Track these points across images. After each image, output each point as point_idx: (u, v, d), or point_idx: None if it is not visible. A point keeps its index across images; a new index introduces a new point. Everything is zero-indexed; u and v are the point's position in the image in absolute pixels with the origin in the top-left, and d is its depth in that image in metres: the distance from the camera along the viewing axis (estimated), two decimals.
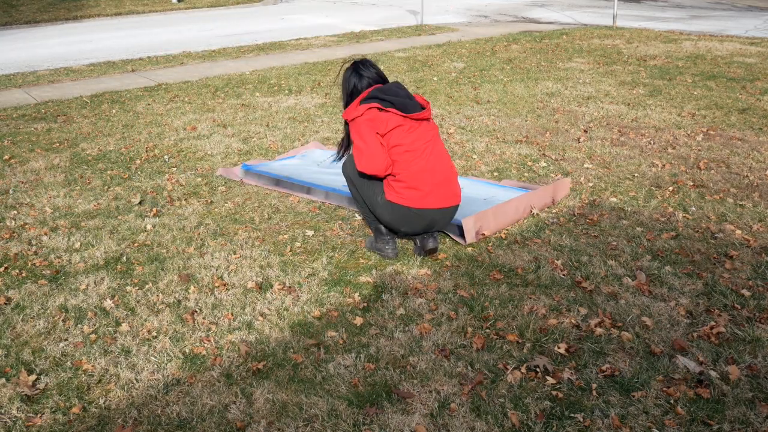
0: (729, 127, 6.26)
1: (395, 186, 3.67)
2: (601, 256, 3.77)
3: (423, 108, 3.71)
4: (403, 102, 3.64)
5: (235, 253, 3.91)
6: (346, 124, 3.79)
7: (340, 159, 4.10)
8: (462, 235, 3.99)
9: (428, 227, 3.77)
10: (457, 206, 3.84)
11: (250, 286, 3.51)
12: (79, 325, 3.19)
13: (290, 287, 3.51)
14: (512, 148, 5.72)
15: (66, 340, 3.08)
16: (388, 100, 3.63)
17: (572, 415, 2.55)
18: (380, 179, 3.73)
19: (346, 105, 3.87)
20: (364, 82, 3.82)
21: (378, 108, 3.62)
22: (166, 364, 2.90)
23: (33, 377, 2.79)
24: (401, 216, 3.69)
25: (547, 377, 2.75)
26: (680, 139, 5.93)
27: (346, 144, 3.97)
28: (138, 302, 3.39)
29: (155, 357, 2.95)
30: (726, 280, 3.51)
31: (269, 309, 3.30)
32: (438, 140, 3.78)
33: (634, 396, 2.65)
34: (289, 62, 9.97)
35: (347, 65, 3.93)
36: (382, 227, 3.81)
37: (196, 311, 3.30)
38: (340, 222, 4.32)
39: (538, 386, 2.71)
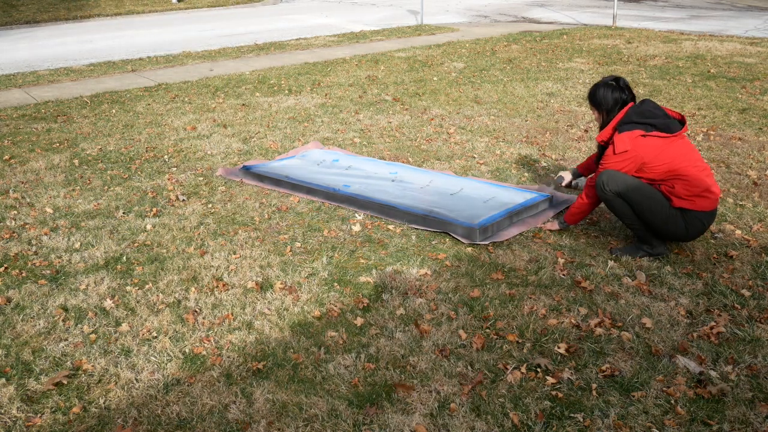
0: (729, 127, 6.25)
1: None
2: (601, 256, 3.77)
3: (682, 124, 3.67)
4: (664, 123, 3.62)
5: (235, 253, 3.91)
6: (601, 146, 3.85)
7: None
8: (463, 235, 3.99)
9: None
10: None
11: (250, 286, 3.51)
12: (79, 325, 3.19)
13: (290, 287, 3.51)
14: (512, 148, 5.72)
15: (66, 340, 3.08)
16: (649, 123, 3.61)
17: (572, 415, 2.55)
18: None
19: (604, 124, 3.82)
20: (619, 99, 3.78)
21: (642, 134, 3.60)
22: (166, 364, 2.90)
23: (33, 377, 2.80)
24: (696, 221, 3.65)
25: (547, 377, 2.75)
26: None
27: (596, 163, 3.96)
28: (138, 302, 3.39)
29: (155, 357, 2.95)
30: (726, 280, 3.51)
31: (269, 309, 3.31)
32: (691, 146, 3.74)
33: (634, 396, 2.65)
34: (289, 62, 9.97)
35: (603, 83, 3.84)
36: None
37: (196, 311, 3.30)
38: (339, 222, 4.32)
39: (538, 386, 2.71)
